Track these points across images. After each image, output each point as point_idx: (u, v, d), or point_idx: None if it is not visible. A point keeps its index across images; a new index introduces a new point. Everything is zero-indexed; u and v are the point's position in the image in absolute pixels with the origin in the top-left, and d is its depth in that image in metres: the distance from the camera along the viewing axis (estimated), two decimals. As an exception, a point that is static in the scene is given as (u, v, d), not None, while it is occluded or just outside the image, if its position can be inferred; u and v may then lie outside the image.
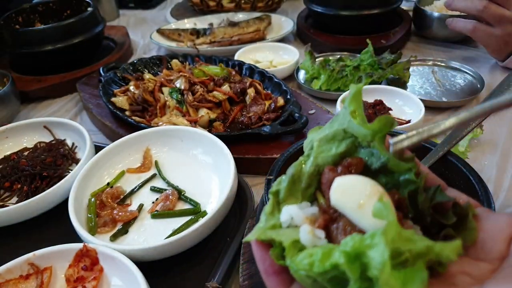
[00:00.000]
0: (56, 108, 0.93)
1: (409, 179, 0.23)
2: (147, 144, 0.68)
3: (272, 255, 0.23)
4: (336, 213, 0.22)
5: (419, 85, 0.87)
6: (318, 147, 0.25)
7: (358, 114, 0.24)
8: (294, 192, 0.25)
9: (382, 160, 0.24)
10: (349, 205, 0.21)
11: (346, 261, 0.18)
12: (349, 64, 0.88)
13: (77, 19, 0.96)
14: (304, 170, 0.25)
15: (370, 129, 0.23)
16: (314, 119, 0.74)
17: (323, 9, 1.03)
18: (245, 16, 1.23)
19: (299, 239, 0.22)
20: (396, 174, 0.24)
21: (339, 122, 0.25)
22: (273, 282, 0.23)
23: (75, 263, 0.49)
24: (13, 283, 0.47)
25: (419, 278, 0.17)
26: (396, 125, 0.23)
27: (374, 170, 0.24)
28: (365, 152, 0.25)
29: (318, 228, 0.22)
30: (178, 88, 0.78)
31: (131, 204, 0.60)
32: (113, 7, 1.41)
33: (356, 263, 0.18)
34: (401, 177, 0.24)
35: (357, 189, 0.22)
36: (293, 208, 0.24)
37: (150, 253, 0.48)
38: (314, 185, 0.25)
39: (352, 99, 0.24)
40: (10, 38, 0.95)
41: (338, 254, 0.18)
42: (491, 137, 0.71)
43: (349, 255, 0.18)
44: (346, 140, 0.25)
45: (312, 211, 0.23)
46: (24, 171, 0.64)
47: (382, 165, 0.24)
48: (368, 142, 0.24)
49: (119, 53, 1.07)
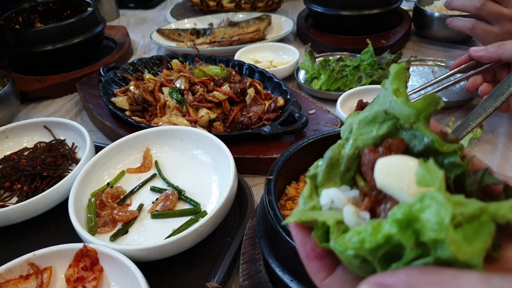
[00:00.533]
0: (56, 108, 0.93)
1: (454, 162, 0.22)
2: (147, 144, 0.68)
3: (315, 236, 0.22)
4: (381, 195, 0.21)
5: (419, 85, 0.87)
6: (357, 129, 0.24)
7: (402, 92, 0.23)
8: (332, 176, 0.24)
9: (425, 142, 0.22)
10: (396, 185, 0.20)
11: (399, 230, 0.17)
12: (349, 64, 0.88)
13: (77, 19, 0.96)
14: (343, 153, 0.24)
15: (414, 108, 0.22)
16: (314, 119, 0.74)
17: (323, 9, 1.03)
18: (245, 16, 1.23)
19: (343, 219, 0.21)
20: (440, 157, 0.22)
21: (379, 104, 0.24)
22: (315, 267, 0.21)
23: (75, 263, 0.49)
24: (13, 283, 0.47)
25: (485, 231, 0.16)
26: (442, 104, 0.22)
27: (416, 153, 0.23)
28: (407, 134, 0.23)
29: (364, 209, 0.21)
30: (178, 88, 0.78)
31: (131, 204, 0.60)
32: (113, 7, 1.41)
33: (409, 230, 0.17)
34: (445, 160, 0.22)
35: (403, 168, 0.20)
36: (333, 190, 0.23)
37: (150, 253, 0.48)
38: (353, 169, 0.24)
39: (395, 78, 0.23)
40: (10, 38, 0.95)
41: (389, 225, 0.17)
42: (491, 137, 0.71)
43: (401, 223, 0.17)
44: (387, 122, 0.24)
45: (352, 194, 0.23)
46: (24, 171, 0.64)
47: (425, 147, 0.22)
48: (411, 123, 0.23)
49: (119, 53, 1.07)
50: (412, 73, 0.89)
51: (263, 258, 0.47)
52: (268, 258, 0.43)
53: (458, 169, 0.22)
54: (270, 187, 0.45)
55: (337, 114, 0.75)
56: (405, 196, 0.20)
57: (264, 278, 0.46)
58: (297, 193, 0.51)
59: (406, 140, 0.23)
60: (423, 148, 0.23)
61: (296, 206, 0.49)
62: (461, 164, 0.22)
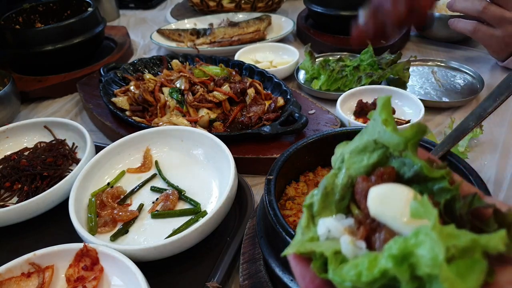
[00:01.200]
0: (57, 108, 0.93)
1: (443, 187, 0.23)
2: (147, 144, 0.68)
3: (314, 268, 0.22)
4: (375, 223, 0.22)
5: (419, 85, 0.87)
6: (349, 158, 0.25)
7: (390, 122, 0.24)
8: (328, 205, 0.25)
9: (414, 168, 0.23)
10: (389, 214, 0.21)
11: (394, 265, 0.18)
12: (349, 64, 0.88)
13: (78, 19, 0.97)
14: (337, 182, 0.25)
15: (402, 136, 0.23)
16: (314, 119, 0.74)
17: (323, 9, 1.03)
18: (245, 17, 1.23)
19: (340, 249, 0.22)
20: (429, 183, 0.23)
21: (368, 133, 0.25)
22: None
23: (76, 263, 0.49)
24: (15, 281, 0.47)
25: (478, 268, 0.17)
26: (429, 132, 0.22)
27: (406, 180, 0.24)
28: (397, 162, 0.24)
29: (360, 239, 0.22)
30: (178, 88, 0.78)
31: (131, 204, 0.60)
32: (113, 7, 1.41)
33: (404, 264, 0.18)
34: (435, 186, 0.23)
35: (395, 197, 0.21)
36: (329, 220, 0.24)
37: (150, 253, 0.48)
38: (348, 197, 0.25)
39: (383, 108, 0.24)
40: (10, 38, 0.95)
41: (385, 260, 0.18)
42: (491, 137, 0.71)
43: (396, 258, 0.18)
44: (377, 151, 0.25)
45: (348, 222, 0.23)
46: (25, 171, 0.64)
47: (415, 174, 0.24)
48: (400, 151, 0.24)
49: (120, 53, 1.07)
50: (412, 73, 0.89)
51: (263, 258, 0.47)
52: (268, 258, 0.43)
53: (448, 194, 0.23)
54: (270, 187, 0.45)
55: (337, 114, 0.75)
56: (398, 224, 0.21)
57: (264, 278, 0.46)
58: (297, 193, 0.51)
59: (396, 167, 0.24)
60: (412, 175, 0.24)
61: (295, 206, 0.49)
62: (450, 189, 0.23)
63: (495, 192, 0.60)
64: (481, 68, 0.91)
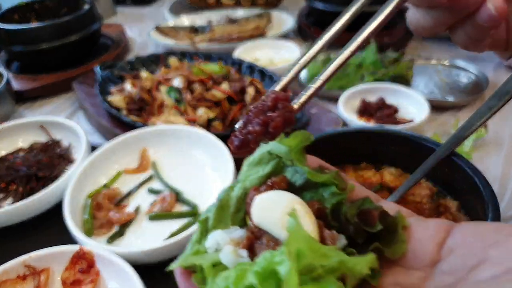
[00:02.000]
0: (52, 108, 0.91)
1: (333, 192, 0.24)
2: (144, 144, 0.67)
3: (195, 280, 0.23)
4: (260, 231, 0.22)
5: (423, 84, 0.86)
6: (246, 171, 0.26)
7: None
8: (223, 218, 0.25)
9: (305, 176, 0.25)
10: (268, 220, 0.21)
11: (259, 281, 0.18)
12: (351, 62, 0.87)
13: (74, 17, 0.95)
14: (232, 195, 0.25)
15: (286, 145, 0.24)
16: (315, 118, 0.73)
17: (324, 6, 1.02)
18: (245, 13, 1.21)
19: (220, 260, 0.22)
20: (320, 189, 0.25)
21: (265, 146, 0.26)
22: None
23: (72, 266, 0.48)
24: (10, 283, 0.47)
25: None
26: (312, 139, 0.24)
27: (298, 187, 0.25)
28: (290, 171, 0.25)
29: (242, 248, 0.22)
30: (176, 87, 0.77)
31: (128, 206, 0.59)
32: (110, 4, 1.39)
33: (270, 281, 0.18)
34: (325, 192, 0.24)
35: (275, 203, 0.22)
36: (218, 232, 0.24)
37: (147, 256, 0.47)
38: (243, 209, 0.25)
39: None
40: (5, 36, 0.93)
41: (251, 275, 0.18)
42: (496, 137, 0.70)
43: (260, 275, 0.18)
44: (272, 162, 0.26)
45: (240, 233, 0.23)
46: (20, 172, 0.63)
47: (305, 181, 0.25)
48: (292, 160, 0.25)
49: (116, 51, 1.06)
50: (415, 72, 0.88)
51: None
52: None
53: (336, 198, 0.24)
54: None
55: (339, 113, 0.74)
56: (277, 229, 0.21)
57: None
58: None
59: (289, 176, 0.25)
60: (303, 182, 0.25)
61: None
62: (339, 193, 0.24)
63: (500, 193, 0.59)
64: (485, 67, 0.90)
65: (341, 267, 0.19)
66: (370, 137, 0.51)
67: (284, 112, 0.22)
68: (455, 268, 0.20)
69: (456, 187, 0.47)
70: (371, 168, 0.53)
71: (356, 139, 0.51)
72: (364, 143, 0.51)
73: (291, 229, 0.18)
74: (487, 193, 0.41)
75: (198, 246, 0.24)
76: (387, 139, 0.50)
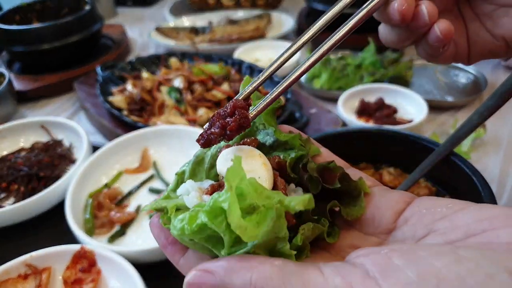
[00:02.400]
0: (54, 108, 0.92)
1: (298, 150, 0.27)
2: (145, 144, 0.67)
3: (162, 221, 0.25)
4: (222, 179, 0.24)
5: (422, 84, 0.87)
6: None
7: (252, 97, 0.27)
8: (198, 173, 0.27)
9: (274, 137, 0.27)
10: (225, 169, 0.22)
11: (209, 219, 0.19)
12: (351, 62, 0.87)
13: (75, 18, 0.95)
14: (208, 152, 0.28)
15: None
16: (315, 118, 0.73)
17: (324, 7, 1.02)
18: (245, 14, 1.22)
19: (184, 203, 0.23)
20: (289, 150, 0.27)
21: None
22: (170, 252, 0.24)
23: (73, 265, 0.48)
24: (12, 282, 0.47)
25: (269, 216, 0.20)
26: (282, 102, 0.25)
27: (269, 147, 0.28)
28: (262, 134, 0.28)
29: (206, 194, 0.24)
30: (176, 87, 0.77)
31: (129, 205, 0.59)
32: (111, 5, 1.39)
33: (220, 217, 0.19)
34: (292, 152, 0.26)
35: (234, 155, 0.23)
36: (189, 182, 0.25)
37: (148, 255, 0.47)
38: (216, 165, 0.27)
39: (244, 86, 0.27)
40: (6, 37, 0.94)
41: (202, 215, 0.20)
42: (494, 137, 0.70)
43: (210, 213, 0.20)
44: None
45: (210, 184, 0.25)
46: (21, 172, 0.63)
47: (274, 141, 0.27)
48: (264, 124, 0.28)
49: (117, 51, 1.06)
50: (414, 72, 0.88)
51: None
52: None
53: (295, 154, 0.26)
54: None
55: (339, 113, 0.74)
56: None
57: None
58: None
59: (260, 138, 0.28)
60: (272, 142, 0.28)
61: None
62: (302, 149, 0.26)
63: (498, 192, 0.59)
64: (484, 67, 0.90)
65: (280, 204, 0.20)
66: (369, 137, 0.51)
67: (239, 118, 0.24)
68: (406, 237, 0.21)
69: (455, 186, 0.48)
70: (370, 168, 0.54)
71: (355, 139, 0.51)
72: (363, 143, 0.52)
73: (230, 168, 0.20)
74: (486, 192, 0.41)
75: (171, 194, 0.26)
76: (386, 139, 0.50)
